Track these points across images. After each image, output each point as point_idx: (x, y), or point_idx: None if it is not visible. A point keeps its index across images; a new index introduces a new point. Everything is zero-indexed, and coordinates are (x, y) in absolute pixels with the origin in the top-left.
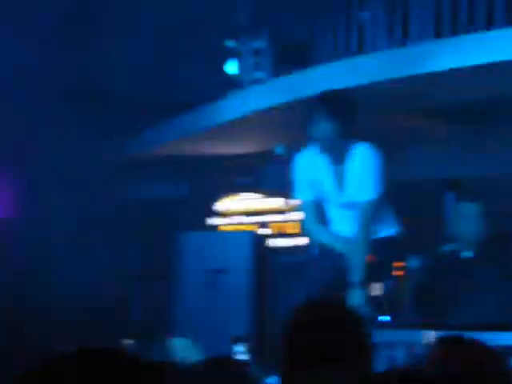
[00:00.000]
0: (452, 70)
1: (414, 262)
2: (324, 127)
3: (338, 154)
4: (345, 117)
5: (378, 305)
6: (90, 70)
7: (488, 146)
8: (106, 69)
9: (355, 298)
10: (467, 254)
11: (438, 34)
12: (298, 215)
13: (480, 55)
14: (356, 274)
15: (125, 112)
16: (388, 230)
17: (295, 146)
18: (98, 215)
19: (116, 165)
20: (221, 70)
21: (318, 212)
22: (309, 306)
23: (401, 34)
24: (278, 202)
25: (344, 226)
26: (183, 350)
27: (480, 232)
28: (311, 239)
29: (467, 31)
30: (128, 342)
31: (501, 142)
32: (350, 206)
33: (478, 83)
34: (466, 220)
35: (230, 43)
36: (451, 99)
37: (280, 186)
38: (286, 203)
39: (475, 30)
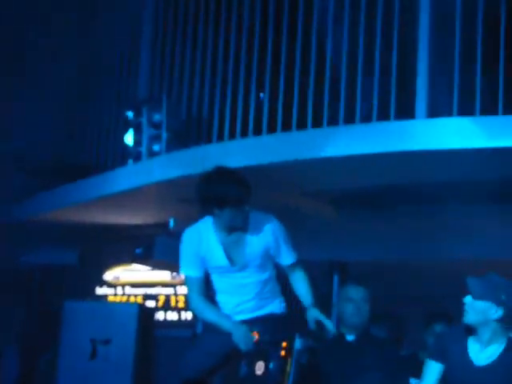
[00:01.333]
0: (344, 157)
1: (299, 343)
2: (245, 209)
3: (236, 225)
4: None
5: None
6: None
7: (375, 231)
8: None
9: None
10: (350, 337)
11: (333, 121)
12: (185, 289)
13: (373, 144)
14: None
15: (24, 174)
16: (274, 306)
17: (187, 220)
18: None
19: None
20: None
21: (203, 288)
22: None
23: (297, 118)
24: (166, 275)
25: (233, 295)
26: None
27: (364, 315)
28: (195, 315)
29: (363, 120)
30: None
31: (389, 227)
32: (249, 270)
33: (369, 171)
34: (350, 303)
35: (130, 114)
36: (341, 185)
37: (169, 258)
38: (175, 276)
39: (370, 120)
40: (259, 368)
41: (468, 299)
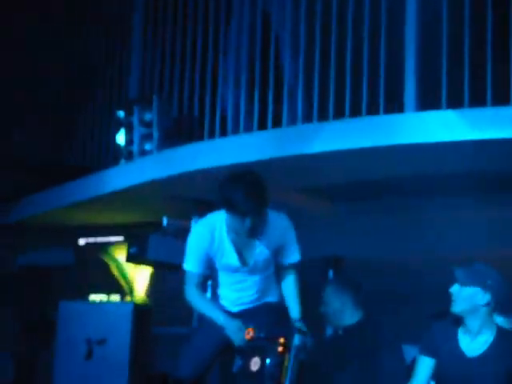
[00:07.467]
0: (334, 152)
1: (298, 339)
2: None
3: (254, 233)
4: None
5: (257, 380)
6: None
7: (370, 226)
8: None
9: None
10: (340, 332)
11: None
12: None
13: (362, 139)
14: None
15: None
16: (271, 295)
17: (180, 218)
18: None
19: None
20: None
21: (201, 282)
22: None
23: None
24: None
25: (236, 290)
26: None
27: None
28: (193, 310)
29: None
30: None
31: (383, 222)
32: (257, 270)
33: (359, 165)
34: (340, 298)
35: (121, 114)
36: (333, 180)
37: (163, 257)
38: None
39: (359, 115)
40: (254, 364)
41: (455, 288)
